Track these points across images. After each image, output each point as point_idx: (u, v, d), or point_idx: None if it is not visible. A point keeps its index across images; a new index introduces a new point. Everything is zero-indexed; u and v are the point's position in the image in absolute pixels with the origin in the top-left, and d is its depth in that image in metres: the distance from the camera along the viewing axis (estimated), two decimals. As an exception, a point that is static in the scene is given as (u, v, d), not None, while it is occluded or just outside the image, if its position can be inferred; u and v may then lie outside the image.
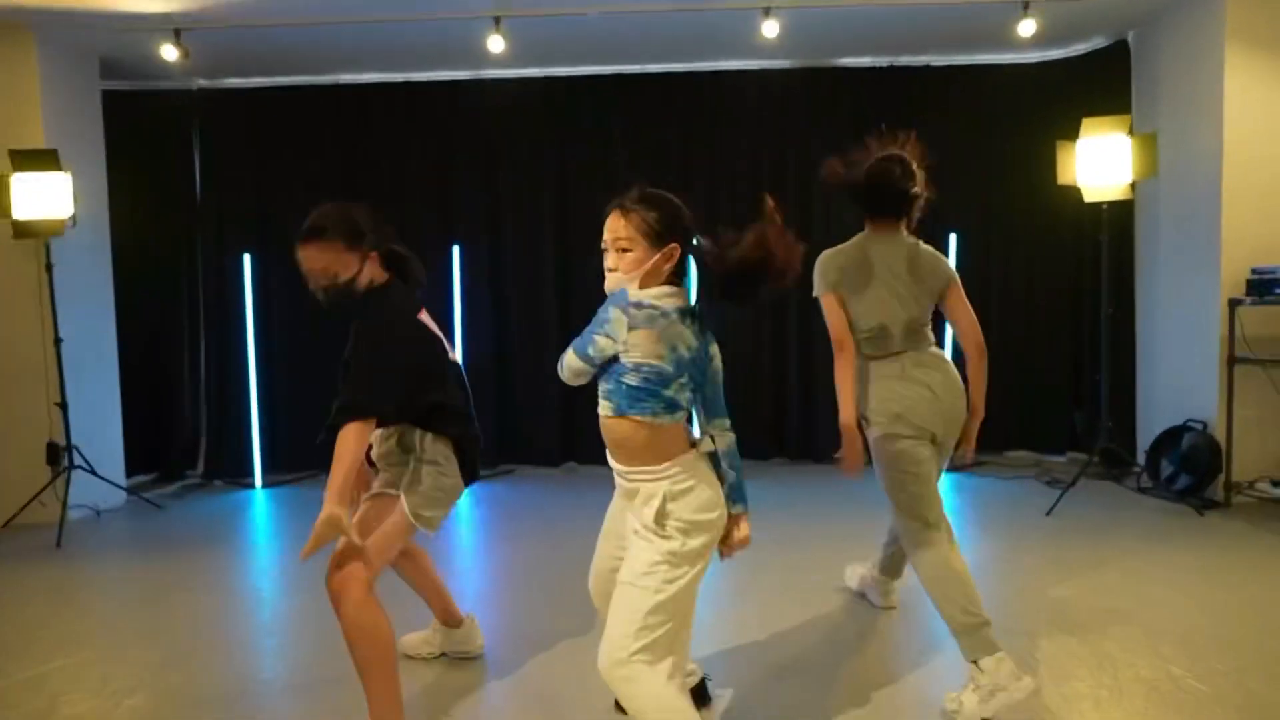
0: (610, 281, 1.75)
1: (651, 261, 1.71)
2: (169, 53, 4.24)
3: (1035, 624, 2.68)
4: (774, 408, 5.35)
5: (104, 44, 4.49)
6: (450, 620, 2.50)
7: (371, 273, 2.12)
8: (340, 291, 2.08)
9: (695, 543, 1.66)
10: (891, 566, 2.76)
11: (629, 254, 1.73)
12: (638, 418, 1.67)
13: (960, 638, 2.10)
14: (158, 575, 3.45)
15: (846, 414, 2.29)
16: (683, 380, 1.69)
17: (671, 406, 1.68)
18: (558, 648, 2.58)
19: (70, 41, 4.42)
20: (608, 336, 1.66)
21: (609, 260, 1.76)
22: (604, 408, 1.72)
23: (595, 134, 5.23)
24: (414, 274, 2.22)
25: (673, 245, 1.73)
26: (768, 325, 5.29)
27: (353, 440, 1.89)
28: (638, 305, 1.67)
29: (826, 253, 2.45)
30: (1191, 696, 2.18)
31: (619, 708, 2.17)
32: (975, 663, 2.06)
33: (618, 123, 5.21)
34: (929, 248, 2.41)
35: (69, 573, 3.53)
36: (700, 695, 2.14)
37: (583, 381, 1.76)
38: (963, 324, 2.36)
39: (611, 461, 1.77)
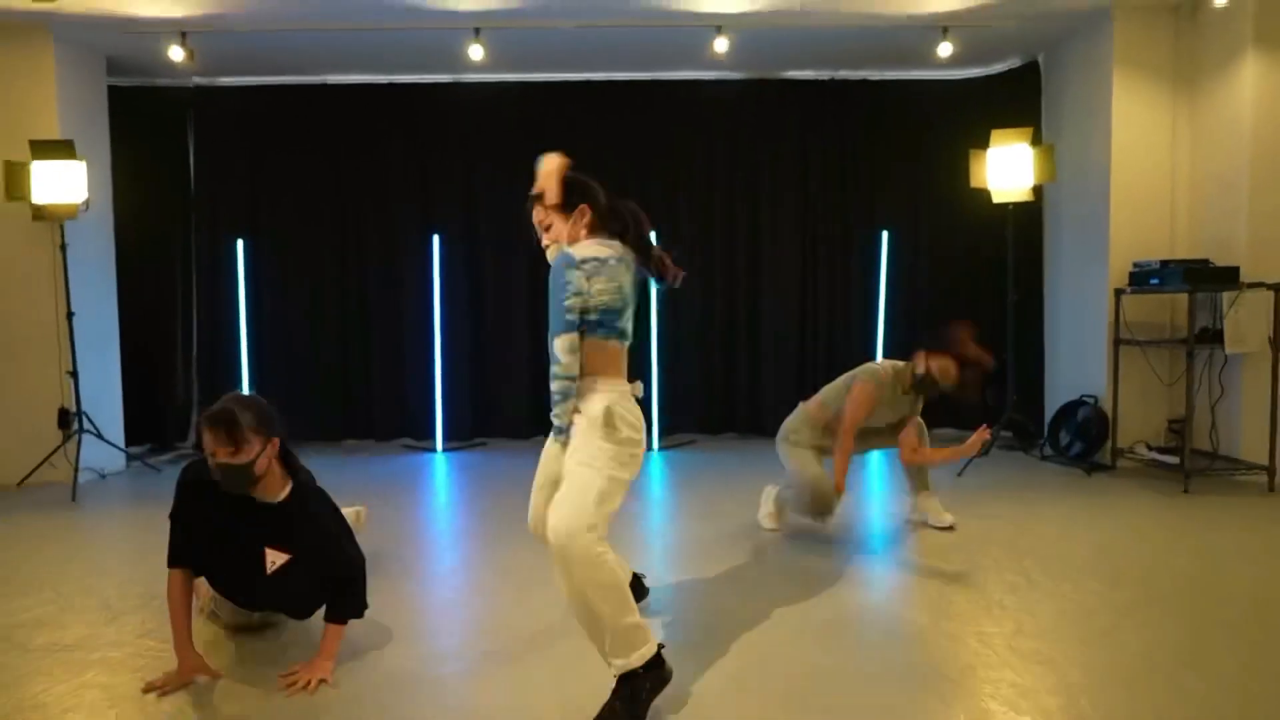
0: (551, 254, 2.13)
1: (570, 226, 2.16)
2: (175, 54, 4.66)
3: (930, 551, 3.23)
4: (724, 384, 5.86)
5: (111, 44, 4.88)
6: None
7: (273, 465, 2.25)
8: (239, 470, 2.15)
9: (634, 449, 2.05)
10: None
11: (551, 229, 2.16)
12: (597, 339, 2.05)
13: (785, 503, 3.44)
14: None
15: None
16: (628, 312, 2.11)
17: (621, 335, 2.09)
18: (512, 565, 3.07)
19: (82, 42, 4.81)
20: (576, 294, 1.99)
21: (545, 241, 2.19)
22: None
23: (564, 135, 5.71)
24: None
25: (582, 207, 2.14)
26: (719, 307, 5.82)
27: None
28: (583, 261, 2.02)
29: None
30: (1031, 583, 2.74)
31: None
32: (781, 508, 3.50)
33: (585, 125, 5.71)
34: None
35: (87, 520, 3.93)
36: (637, 588, 2.58)
37: (575, 355, 2.00)
38: None
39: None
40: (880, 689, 2.08)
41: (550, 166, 2.18)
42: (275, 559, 2.25)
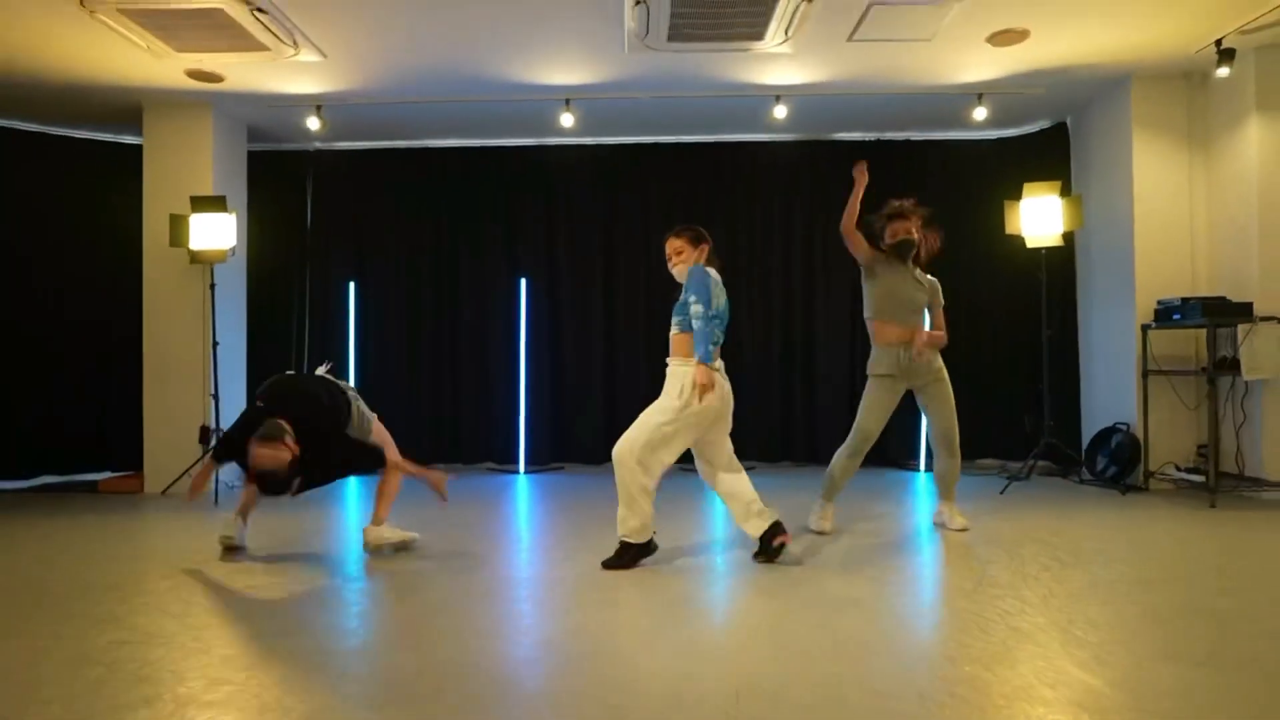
0: (679, 273, 3.33)
1: (696, 254, 3.33)
2: (313, 123, 5.46)
3: (970, 542, 3.68)
4: (782, 416, 6.38)
5: (255, 116, 5.72)
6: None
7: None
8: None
9: (691, 408, 3.18)
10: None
11: (680, 255, 3.34)
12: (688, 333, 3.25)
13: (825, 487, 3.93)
14: (290, 523, 4.47)
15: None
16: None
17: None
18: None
19: (234, 114, 5.67)
20: (711, 299, 3.19)
21: (673, 262, 3.36)
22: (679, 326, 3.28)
23: (637, 190, 6.42)
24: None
25: (704, 246, 3.35)
26: (776, 345, 6.37)
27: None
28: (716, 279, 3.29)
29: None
30: (1065, 567, 3.18)
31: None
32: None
33: (656, 181, 6.40)
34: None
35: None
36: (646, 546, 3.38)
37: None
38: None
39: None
40: (933, 630, 2.55)
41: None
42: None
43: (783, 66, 4.98)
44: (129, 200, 5.59)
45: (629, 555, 3.29)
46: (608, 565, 3.29)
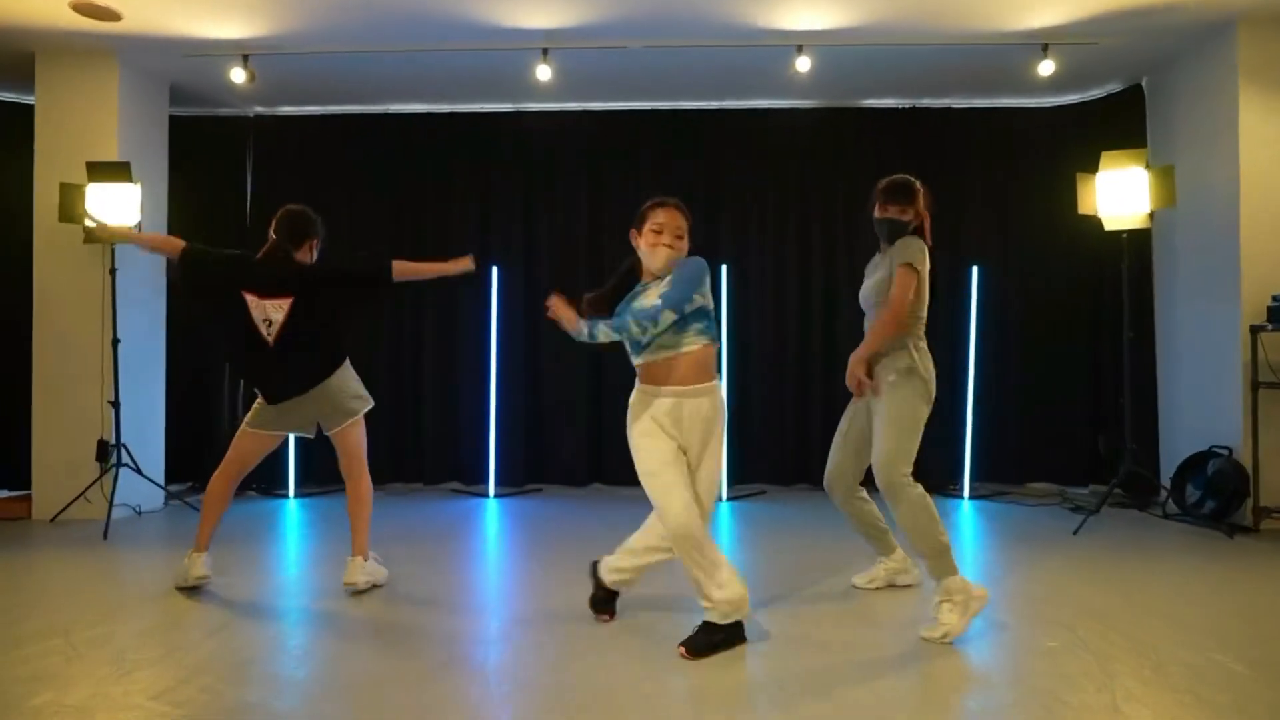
0: (668, 255, 2.50)
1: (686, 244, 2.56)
2: (238, 75, 4.53)
3: (1073, 618, 2.72)
4: (798, 432, 5.41)
5: (176, 70, 4.79)
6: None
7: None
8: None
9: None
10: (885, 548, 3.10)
11: (682, 241, 2.52)
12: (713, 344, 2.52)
13: (929, 560, 2.56)
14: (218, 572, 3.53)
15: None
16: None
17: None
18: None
19: (147, 67, 4.73)
20: (703, 289, 2.46)
21: (666, 240, 2.49)
22: (696, 341, 2.47)
23: (627, 166, 5.47)
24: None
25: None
26: (791, 350, 5.41)
27: None
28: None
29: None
30: (1230, 674, 2.22)
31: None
32: (941, 580, 2.53)
33: (648, 155, 5.45)
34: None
35: (115, 561, 3.62)
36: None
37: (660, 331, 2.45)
38: None
39: (681, 386, 2.48)
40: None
41: None
42: (278, 309, 3.11)
43: (806, 4, 4.03)
44: (27, 168, 4.66)
45: (722, 636, 2.43)
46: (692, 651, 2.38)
